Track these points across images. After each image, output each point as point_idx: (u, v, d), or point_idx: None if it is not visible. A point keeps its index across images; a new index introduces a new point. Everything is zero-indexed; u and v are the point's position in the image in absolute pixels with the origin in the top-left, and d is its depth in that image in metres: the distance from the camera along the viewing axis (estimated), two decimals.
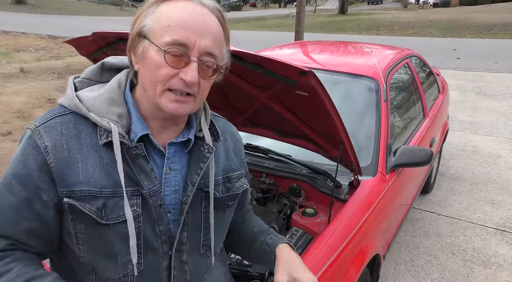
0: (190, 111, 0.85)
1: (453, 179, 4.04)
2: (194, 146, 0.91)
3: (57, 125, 0.82)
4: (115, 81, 0.88)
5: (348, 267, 1.60)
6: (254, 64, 1.35)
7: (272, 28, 22.03)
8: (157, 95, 0.81)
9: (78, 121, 0.83)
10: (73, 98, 0.84)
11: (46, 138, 0.80)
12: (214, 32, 0.81)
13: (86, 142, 0.82)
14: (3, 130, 4.78)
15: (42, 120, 0.83)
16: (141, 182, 0.83)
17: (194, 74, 0.78)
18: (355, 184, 1.85)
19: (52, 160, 0.79)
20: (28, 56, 10.04)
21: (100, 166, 0.81)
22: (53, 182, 0.80)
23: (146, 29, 0.80)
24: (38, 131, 0.81)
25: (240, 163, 1.05)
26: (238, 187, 1.02)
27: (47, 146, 0.80)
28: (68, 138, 0.81)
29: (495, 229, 3.20)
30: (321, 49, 3.23)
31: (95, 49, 1.64)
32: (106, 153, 0.82)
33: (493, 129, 5.43)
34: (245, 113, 1.79)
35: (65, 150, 0.80)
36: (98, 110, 0.83)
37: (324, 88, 1.33)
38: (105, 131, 0.82)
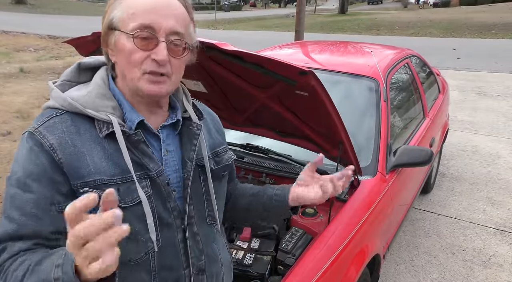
0: (169, 91, 0.90)
1: (453, 179, 4.04)
2: (183, 126, 0.98)
3: (56, 125, 0.85)
4: (98, 78, 0.92)
5: (348, 267, 1.60)
6: (254, 64, 1.35)
7: (272, 28, 22.03)
8: (135, 79, 0.86)
9: (74, 119, 0.87)
10: (65, 99, 0.87)
11: (50, 136, 0.83)
12: (177, 13, 0.86)
13: (86, 137, 0.86)
14: (3, 130, 4.78)
15: (40, 122, 0.86)
16: (147, 164, 0.89)
17: (164, 53, 0.83)
18: (355, 184, 1.85)
19: (60, 156, 0.82)
20: (28, 56, 10.04)
21: (105, 157, 0.86)
22: (65, 176, 0.83)
23: (115, 21, 0.85)
24: (39, 132, 0.84)
25: (223, 138, 1.14)
26: (227, 158, 1.11)
27: (52, 144, 0.83)
28: (70, 135, 0.85)
29: (495, 229, 3.20)
30: (321, 49, 3.23)
31: (95, 49, 1.64)
32: (108, 144, 0.86)
33: (493, 129, 5.43)
34: (245, 113, 1.79)
35: (70, 145, 0.84)
36: (92, 106, 0.87)
37: (324, 88, 1.33)
38: (104, 123, 0.86)
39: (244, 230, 1.67)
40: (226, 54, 1.32)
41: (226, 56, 1.33)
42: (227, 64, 1.44)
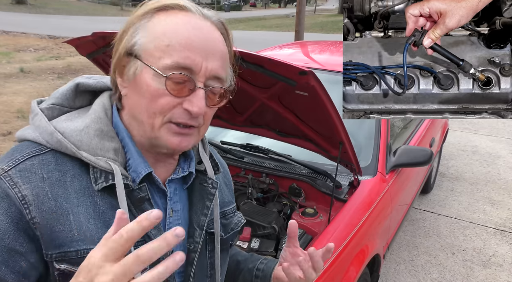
0: (194, 145, 0.73)
1: (453, 179, 4.04)
2: (194, 181, 0.79)
3: (35, 168, 0.63)
4: (100, 108, 0.71)
5: (348, 267, 1.60)
6: (254, 64, 1.34)
7: (272, 28, 22.02)
8: (156, 128, 0.67)
9: (60, 162, 0.65)
10: (53, 133, 0.65)
11: (23, 186, 0.62)
12: (220, 51, 0.68)
13: (73, 187, 0.65)
14: (3, 131, 4.78)
15: (12, 162, 0.63)
16: (148, 231, 0.70)
17: (201, 104, 0.66)
18: (355, 184, 1.85)
19: (35, 213, 0.61)
20: (28, 56, 10.04)
21: (95, 216, 0.65)
22: (33, 243, 0.62)
23: (138, 48, 0.66)
24: (9, 177, 0.62)
25: (231, 195, 0.95)
26: (237, 223, 0.91)
27: (25, 196, 0.61)
28: (51, 183, 0.63)
29: (495, 229, 3.20)
30: (321, 49, 3.23)
31: (95, 49, 1.64)
32: (101, 199, 0.66)
33: (493, 129, 5.43)
34: (245, 113, 1.79)
35: (50, 199, 0.62)
36: (88, 147, 0.66)
37: (324, 88, 1.33)
38: (102, 173, 0.66)
39: (244, 230, 1.68)
40: None
41: None
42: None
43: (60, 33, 14.43)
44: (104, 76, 0.79)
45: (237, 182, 2.00)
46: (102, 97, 0.74)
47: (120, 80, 0.70)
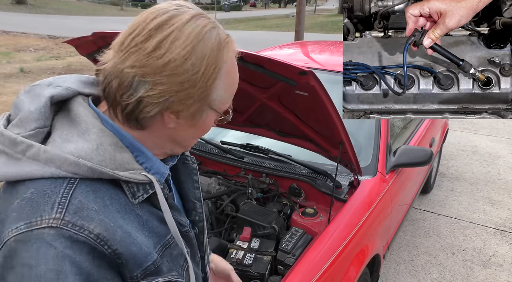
0: None
1: (453, 179, 4.04)
2: (178, 162, 0.83)
3: (84, 204, 0.59)
4: (92, 119, 0.64)
5: (348, 267, 1.60)
6: (254, 64, 1.35)
7: (272, 28, 22.03)
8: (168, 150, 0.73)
9: (94, 188, 0.61)
10: (78, 162, 0.59)
11: (91, 225, 0.58)
12: None
13: (115, 208, 0.62)
14: None
15: (60, 208, 0.57)
16: (179, 220, 0.74)
17: None
18: (355, 184, 1.85)
19: (116, 246, 0.60)
20: (28, 56, 10.05)
21: (141, 227, 0.66)
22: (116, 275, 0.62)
23: (217, 102, 0.67)
24: (71, 223, 0.56)
25: None
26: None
27: (99, 234, 0.58)
28: (103, 213, 0.60)
29: (495, 229, 3.20)
30: (321, 49, 3.24)
31: (95, 49, 1.64)
32: (141, 209, 0.66)
33: (493, 129, 5.43)
34: (245, 113, 1.79)
35: (113, 226, 0.60)
36: (115, 165, 0.62)
37: (324, 88, 1.33)
38: (139, 185, 0.66)
39: (244, 230, 1.68)
40: None
41: None
42: None
43: (60, 33, 14.43)
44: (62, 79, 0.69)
45: (237, 182, 2.01)
46: (80, 105, 0.66)
47: (172, 116, 0.65)
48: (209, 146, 2.17)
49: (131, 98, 0.62)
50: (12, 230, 0.56)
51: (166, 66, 0.60)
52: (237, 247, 1.61)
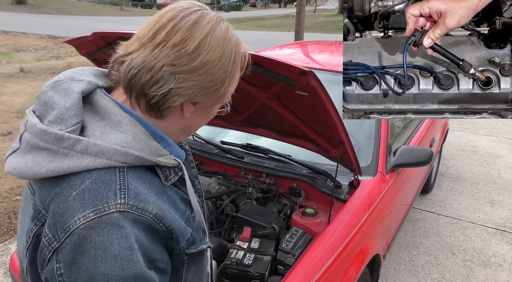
0: None
1: (453, 179, 4.04)
2: None
3: (138, 189, 0.65)
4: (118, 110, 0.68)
5: (348, 267, 1.60)
6: (254, 64, 1.34)
7: (272, 28, 22.03)
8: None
9: (137, 175, 0.67)
10: (127, 152, 0.64)
11: (149, 206, 0.64)
12: None
13: (153, 191, 0.68)
14: (3, 131, 4.78)
15: (123, 194, 0.63)
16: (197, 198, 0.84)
17: None
18: (355, 184, 1.85)
19: (169, 222, 0.67)
20: (28, 56, 10.05)
21: (171, 205, 0.71)
22: (168, 246, 0.70)
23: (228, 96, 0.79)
24: (135, 207, 0.63)
25: None
26: None
27: (157, 213, 0.65)
28: (151, 195, 0.67)
29: (495, 229, 3.20)
30: (321, 49, 3.24)
31: (95, 49, 1.64)
32: (170, 190, 0.73)
33: (493, 129, 5.43)
34: (245, 113, 1.79)
35: (162, 205, 0.68)
36: (151, 151, 0.68)
37: (324, 88, 1.33)
38: (170, 169, 0.72)
39: (244, 230, 1.68)
40: None
41: None
42: None
43: (60, 33, 14.44)
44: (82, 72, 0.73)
45: (237, 182, 2.01)
46: (105, 99, 0.69)
47: (192, 107, 0.73)
48: (209, 145, 2.17)
49: (161, 90, 0.67)
50: (79, 219, 0.60)
51: (202, 67, 0.68)
52: (237, 247, 1.61)
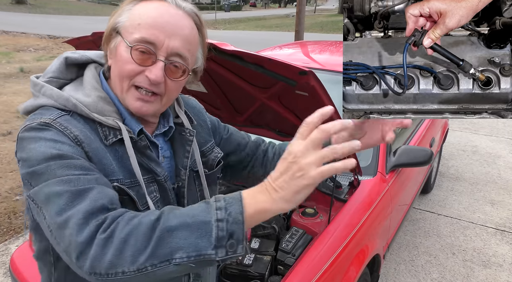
0: (155, 111, 0.86)
1: (453, 179, 4.04)
2: (174, 132, 0.95)
3: (71, 121, 0.78)
4: (92, 79, 0.86)
5: (348, 267, 1.60)
6: (254, 64, 1.34)
7: (272, 28, 22.03)
8: (124, 90, 0.82)
9: (81, 121, 0.80)
10: (68, 98, 0.80)
11: (73, 129, 0.77)
12: (185, 34, 0.81)
13: (96, 138, 0.80)
14: (3, 130, 4.78)
15: (53, 116, 0.77)
16: (154, 169, 0.87)
17: (159, 73, 0.79)
18: (355, 184, 1.85)
19: (87, 149, 0.77)
20: (28, 56, 10.04)
21: (116, 159, 0.81)
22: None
23: (119, 26, 0.81)
24: (59, 123, 0.76)
25: (207, 134, 1.09)
26: (213, 158, 1.07)
27: (77, 136, 0.76)
28: (85, 133, 0.79)
29: (495, 229, 3.20)
30: (321, 49, 3.24)
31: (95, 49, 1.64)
32: (118, 147, 0.82)
33: (493, 129, 5.43)
34: (245, 113, 1.79)
35: (93, 141, 0.79)
36: (96, 110, 0.81)
37: (324, 88, 1.33)
38: (111, 130, 0.81)
39: None
40: (226, 54, 1.32)
41: (226, 56, 1.33)
42: (227, 64, 1.44)
43: (60, 33, 14.43)
44: (86, 51, 0.92)
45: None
46: (90, 70, 0.88)
47: (108, 52, 0.84)
48: None
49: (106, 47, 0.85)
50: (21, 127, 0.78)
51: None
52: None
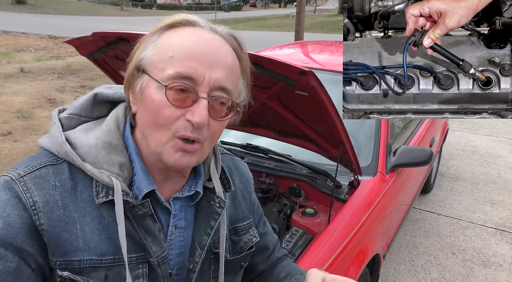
0: (198, 162, 0.71)
1: (453, 179, 4.04)
2: (202, 198, 0.78)
3: (49, 176, 0.66)
4: (112, 120, 0.72)
5: (348, 267, 1.60)
6: (254, 64, 1.34)
7: (272, 28, 22.02)
8: (162, 143, 0.66)
9: (73, 172, 0.67)
10: (62, 144, 0.67)
11: (35, 192, 0.64)
12: (227, 63, 0.67)
13: (83, 197, 0.67)
14: (3, 130, 4.78)
15: (28, 169, 0.66)
16: (148, 247, 0.69)
17: (203, 114, 0.64)
18: (355, 184, 1.85)
19: (43, 220, 0.63)
20: (28, 56, 10.04)
21: (100, 227, 0.67)
22: (41, 247, 0.64)
23: (145, 62, 0.67)
24: (24, 182, 0.64)
25: (249, 209, 0.90)
26: (247, 241, 0.87)
27: (36, 202, 0.63)
28: (62, 193, 0.65)
29: (495, 229, 3.20)
30: (321, 49, 3.24)
31: (95, 49, 1.64)
32: (107, 211, 0.67)
33: (493, 129, 5.43)
34: (245, 113, 1.79)
35: (60, 207, 0.65)
36: (94, 160, 0.67)
37: (324, 88, 1.33)
38: (104, 187, 0.67)
39: None
40: None
41: None
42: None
43: (60, 33, 14.43)
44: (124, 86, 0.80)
45: None
46: (118, 109, 0.75)
47: (131, 97, 0.70)
48: None
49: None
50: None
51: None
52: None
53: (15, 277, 0.61)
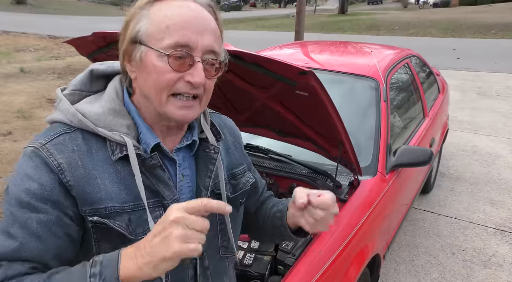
0: (198, 115, 0.83)
1: (453, 179, 4.04)
2: (199, 148, 0.90)
3: (66, 142, 0.77)
4: (112, 91, 0.83)
5: (348, 267, 1.60)
6: (254, 64, 1.35)
7: (272, 28, 22.02)
8: (163, 103, 0.77)
9: (86, 137, 0.78)
10: (75, 114, 0.78)
11: (58, 155, 0.75)
12: (212, 28, 0.78)
13: (98, 157, 0.78)
14: (3, 130, 4.78)
15: (48, 138, 0.77)
16: (162, 192, 0.81)
17: (201, 75, 0.76)
18: (355, 184, 1.85)
19: (69, 177, 0.75)
20: (28, 56, 10.05)
21: (118, 180, 0.78)
22: (73, 200, 0.75)
23: (141, 34, 0.76)
24: (47, 149, 0.75)
25: (241, 156, 1.04)
26: (245, 182, 1.01)
27: (60, 164, 0.74)
28: (80, 154, 0.77)
29: (495, 229, 3.20)
30: (321, 49, 3.24)
31: (95, 49, 1.64)
32: (122, 166, 0.79)
33: (493, 129, 5.43)
34: (245, 113, 1.79)
35: (80, 166, 0.76)
36: (105, 124, 0.79)
37: (324, 88, 1.33)
38: (118, 145, 0.78)
39: None
40: None
41: None
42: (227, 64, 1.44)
43: (60, 33, 14.45)
44: (114, 61, 0.88)
45: None
46: (114, 81, 0.85)
47: (129, 66, 0.80)
48: None
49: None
50: (28, 142, 0.79)
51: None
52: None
53: (58, 224, 0.74)
